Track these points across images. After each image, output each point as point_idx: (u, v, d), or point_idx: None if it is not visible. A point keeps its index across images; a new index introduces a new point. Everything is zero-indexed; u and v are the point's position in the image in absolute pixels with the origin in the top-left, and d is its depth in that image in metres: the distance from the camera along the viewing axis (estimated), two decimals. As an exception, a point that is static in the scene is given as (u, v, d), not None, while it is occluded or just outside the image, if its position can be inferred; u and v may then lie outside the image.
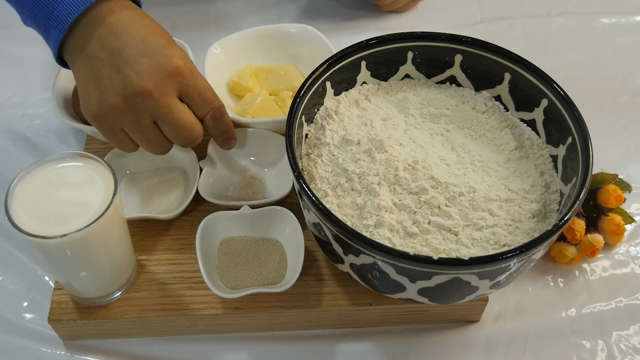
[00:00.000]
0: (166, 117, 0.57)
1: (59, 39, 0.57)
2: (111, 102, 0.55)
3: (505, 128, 0.64)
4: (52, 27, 0.57)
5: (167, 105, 0.57)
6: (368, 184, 0.57)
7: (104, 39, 0.56)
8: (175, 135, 0.59)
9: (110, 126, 0.58)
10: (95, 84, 0.56)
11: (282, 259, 0.63)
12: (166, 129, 0.58)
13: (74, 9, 0.56)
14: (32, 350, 0.63)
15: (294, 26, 0.80)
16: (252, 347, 0.64)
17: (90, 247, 0.54)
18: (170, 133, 0.59)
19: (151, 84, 0.55)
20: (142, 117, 0.57)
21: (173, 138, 0.59)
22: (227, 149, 0.66)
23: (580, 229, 0.67)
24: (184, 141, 0.60)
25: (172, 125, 0.58)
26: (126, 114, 0.56)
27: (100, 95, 0.56)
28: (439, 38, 0.64)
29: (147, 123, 0.57)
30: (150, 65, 0.56)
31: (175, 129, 0.58)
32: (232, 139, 0.66)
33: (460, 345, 0.64)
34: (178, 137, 0.59)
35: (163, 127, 0.58)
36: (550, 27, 0.97)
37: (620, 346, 0.64)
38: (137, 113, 0.56)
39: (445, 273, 0.50)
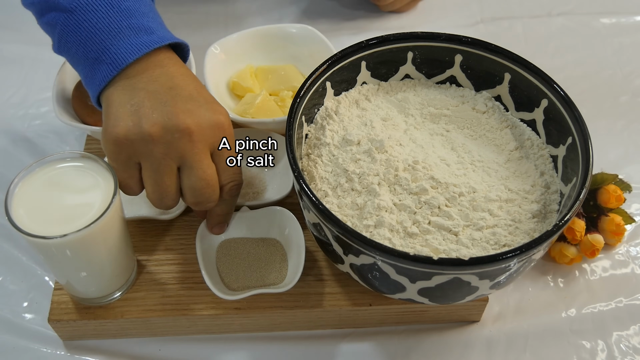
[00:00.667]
0: (195, 165, 0.54)
1: (109, 77, 0.54)
2: (147, 129, 0.52)
3: (505, 128, 0.64)
4: (103, 62, 0.54)
5: (200, 153, 0.54)
6: (368, 184, 0.57)
7: (157, 76, 0.54)
8: (193, 189, 0.55)
9: (128, 156, 0.53)
10: (132, 110, 0.53)
11: (283, 260, 0.63)
12: (187, 179, 0.54)
13: (135, 51, 0.54)
14: (32, 350, 0.63)
15: (294, 26, 0.80)
16: (252, 347, 0.64)
17: (90, 247, 0.54)
18: (189, 185, 0.55)
19: (195, 126, 0.53)
20: (171, 155, 0.53)
21: (189, 192, 0.55)
22: (216, 233, 0.63)
23: (580, 229, 0.67)
24: (199, 198, 0.56)
25: (196, 177, 0.54)
26: (155, 147, 0.52)
27: (136, 119, 0.52)
28: (439, 38, 0.64)
29: (171, 165, 0.54)
30: (199, 110, 0.54)
31: (198, 181, 0.54)
32: (225, 224, 0.63)
33: (460, 345, 0.64)
34: (195, 193, 0.55)
35: (186, 175, 0.54)
36: (550, 27, 0.97)
37: (621, 346, 0.64)
38: (167, 149, 0.53)
39: (445, 273, 0.50)
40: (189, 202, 0.56)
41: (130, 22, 0.55)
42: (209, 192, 0.56)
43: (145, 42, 0.55)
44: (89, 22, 0.54)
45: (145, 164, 0.54)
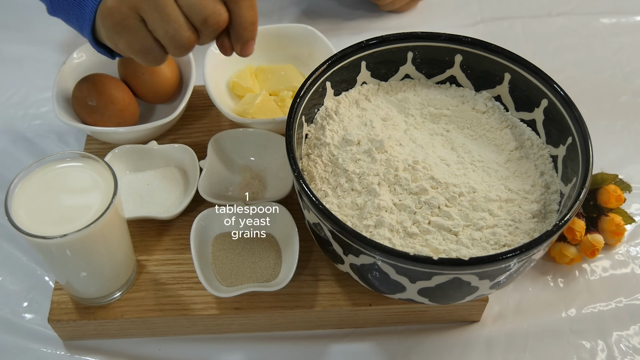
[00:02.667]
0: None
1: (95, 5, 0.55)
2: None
3: (505, 128, 0.64)
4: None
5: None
6: (368, 184, 0.57)
7: None
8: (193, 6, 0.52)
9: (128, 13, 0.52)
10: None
11: (277, 256, 0.63)
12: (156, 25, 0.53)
13: None
14: (32, 350, 0.63)
15: (294, 26, 0.80)
16: (252, 347, 0.64)
17: (90, 247, 0.54)
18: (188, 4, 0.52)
19: None
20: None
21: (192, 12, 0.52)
22: (246, 54, 0.58)
23: (580, 229, 0.67)
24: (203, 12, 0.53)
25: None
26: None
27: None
28: (439, 38, 0.64)
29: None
30: None
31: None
32: (252, 41, 0.58)
33: (460, 345, 0.64)
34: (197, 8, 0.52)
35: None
36: (550, 27, 0.97)
37: (620, 346, 0.64)
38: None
39: (445, 273, 0.50)
40: (198, 22, 0.53)
41: None
42: (212, 5, 0.53)
43: None
44: None
45: (144, 8, 0.52)
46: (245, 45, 0.58)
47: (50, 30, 0.92)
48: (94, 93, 0.69)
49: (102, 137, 0.72)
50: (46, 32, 0.92)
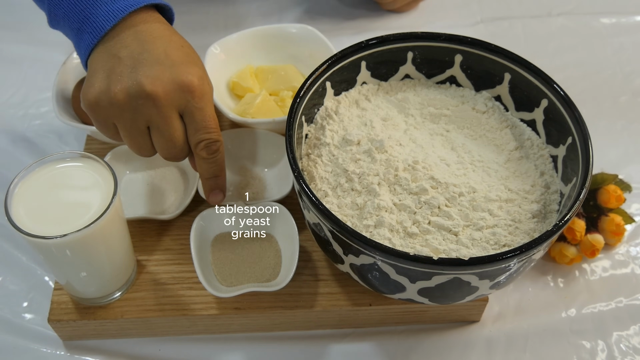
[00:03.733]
0: (162, 127, 0.56)
1: (91, 45, 0.57)
2: (113, 96, 0.54)
3: (505, 128, 0.64)
4: (85, 32, 0.57)
5: (166, 116, 0.55)
6: (368, 184, 0.57)
7: (129, 43, 0.56)
8: (161, 147, 0.57)
9: (104, 118, 0.56)
10: (104, 75, 0.55)
11: (277, 255, 0.63)
12: (156, 138, 0.57)
13: (112, 17, 0.56)
14: (32, 350, 0.63)
15: (294, 26, 0.80)
16: (252, 347, 0.64)
17: (90, 247, 0.54)
18: (158, 143, 0.57)
19: (160, 91, 0.54)
20: (139, 120, 0.55)
21: (159, 148, 0.58)
22: (212, 203, 0.63)
23: (580, 229, 0.67)
24: (167, 155, 0.58)
25: (163, 138, 0.57)
26: (124, 112, 0.55)
27: (105, 85, 0.55)
28: (439, 38, 0.64)
29: (140, 127, 0.56)
30: (164, 74, 0.55)
31: (166, 142, 0.57)
32: (220, 192, 0.62)
33: (460, 345, 0.64)
34: (164, 149, 0.58)
35: (154, 135, 0.57)
36: (550, 27, 0.97)
37: (620, 346, 0.64)
38: (134, 114, 0.55)
39: (445, 273, 0.50)
40: (162, 156, 0.59)
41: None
42: (176, 151, 0.58)
43: (121, 7, 0.56)
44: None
45: (119, 125, 0.57)
46: (210, 194, 0.63)
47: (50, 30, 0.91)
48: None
49: (102, 137, 0.72)
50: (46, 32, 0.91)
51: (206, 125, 0.57)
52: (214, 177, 0.61)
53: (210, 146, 0.58)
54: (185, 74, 0.56)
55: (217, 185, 0.62)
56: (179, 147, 0.58)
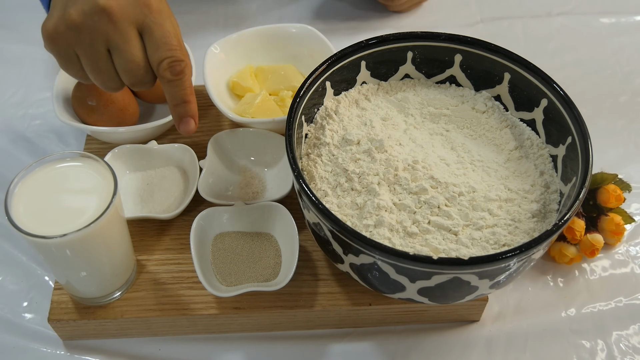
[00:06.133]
0: (120, 45, 0.54)
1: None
2: (68, 18, 0.52)
3: (505, 128, 0.64)
4: None
5: (123, 32, 0.53)
6: (368, 184, 0.57)
7: None
8: (125, 70, 0.55)
9: (64, 48, 0.54)
10: (61, 5, 0.54)
11: (277, 255, 0.63)
12: (117, 61, 0.54)
13: None
14: (32, 350, 0.63)
15: (294, 26, 0.80)
16: (251, 347, 0.64)
17: (90, 247, 0.54)
18: (121, 66, 0.55)
19: (114, 5, 0.53)
20: (97, 39, 0.53)
21: (122, 74, 0.55)
22: (183, 132, 0.58)
23: (580, 228, 0.67)
24: (133, 79, 0.55)
25: (124, 58, 0.54)
26: (81, 34, 0.53)
27: (61, 12, 0.53)
28: (438, 38, 0.64)
29: (100, 49, 0.54)
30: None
31: (127, 63, 0.54)
32: (190, 119, 0.58)
33: (460, 345, 0.64)
34: (127, 73, 0.55)
35: (115, 58, 0.54)
36: (550, 27, 0.97)
37: (620, 346, 0.64)
38: (92, 34, 0.53)
39: (445, 273, 0.50)
40: (127, 83, 0.56)
41: None
42: (141, 73, 0.55)
43: None
44: None
45: (79, 52, 0.54)
46: (180, 122, 0.58)
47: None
48: (93, 93, 0.69)
49: (102, 137, 0.72)
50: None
51: (167, 41, 0.54)
52: (182, 103, 0.57)
53: (174, 66, 0.55)
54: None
55: (187, 112, 0.58)
56: (142, 68, 0.55)
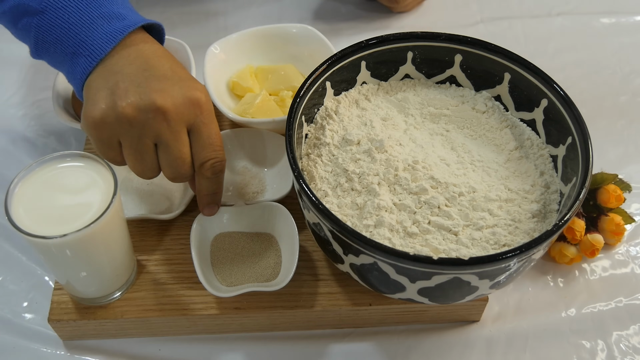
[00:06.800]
0: (170, 143, 0.55)
1: (89, 68, 0.55)
2: (121, 110, 0.53)
3: (505, 128, 0.64)
4: (82, 55, 0.55)
5: (175, 131, 0.54)
6: (368, 184, 0.57)
7: (132, 60, 0.55)
8: (169, 165, 0.56)
9: (108, 136, 0.54)
10: (108, 92, 0.54)
11: (277, 255, 0.63)
12: (163, 156, 0.56)
13: (111, 39, 0.55)
14: (32, 350, 0.63)
15: (294, 26, 0.80)
16: (252, 347, 0.64)
17: (90, 247, 0.54)
18: (166, 161, 0.56)
19: (170, 105, 0.53)
20: (147, 135, 0.54)
21: (166, 167, 0.56)
22: (207, 214, 0.63)
23: (580, 229, 0.67)
24: (175, 174, 0.57)
25: (172, 155, 0.55)
26: (132, 127, 0.53)
27: (111, 101, 0.53)
28: (439, 38, 0.64)
29: (148, 143, 0.55)
30: (172, 88, 0.54)
31: (174, 160, 0.55)
32: (216, 206, 0.62)
33: (460, 345, 0.64)
34: (172, 168, 0.56)
35: (162, 152, 0.55)
36: (550, 27, 0.97)
37: (620, 346, 0.64)
38: (143, 129, 0.53)
39: (445, 273, 0.50)
40: (167, 176, 0.57)
41: (101, 12, 0.56)
42: (184, 170, 0.56)
43: (118, 28, 0.56)
44: (62, 19, 0.55)
45: (125, 143, 0.55)
46: (205, 207, 0.62)
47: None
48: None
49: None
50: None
51: (212, 142, 0.56)
52: (212, 194, 0.61)
53: (216, 166, 0.57)
54: (193, 89, 0.55)
55: (214, 201, 0.62)
56: (187, 165, 0.56)
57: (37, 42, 0.57)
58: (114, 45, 0.55)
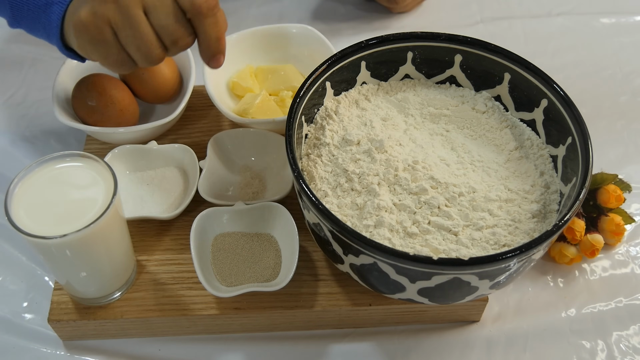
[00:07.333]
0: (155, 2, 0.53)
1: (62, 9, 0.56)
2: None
3: (505, 128, 0.64)
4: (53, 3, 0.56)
5: None
6: (368, 184, 0.57)
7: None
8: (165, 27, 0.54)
9: (101, 27, 0.53)
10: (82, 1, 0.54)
11: (277, 255, 0.63)
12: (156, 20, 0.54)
13: None
14: (32, 350, 0.63)
15: (294, 26, 0.80)
16: (252, 347, 0.64)
17: (90, 247, 0.54)
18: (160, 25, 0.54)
19: None
20: (132, 3, 0.53)
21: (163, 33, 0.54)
22: (214, 67, 0.59)
23: (580, 229, 0.67)
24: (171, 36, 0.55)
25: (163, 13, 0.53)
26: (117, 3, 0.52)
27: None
28: (439, 38, 0.64)
29: (138, 12, 0.53)
30: None
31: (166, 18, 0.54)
32: (221, 55, 0.58)
33: (460, 345, 0.64)
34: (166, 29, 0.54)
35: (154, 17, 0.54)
36: (550, 27, 0.97)
37: (620, 346, 0.64)
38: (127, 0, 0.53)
39: (445, 273, 0.50)
40: (167, 41, 0.56)
41: None
42: (178, 27, 0.55)
43: None
44: None
45: (117, 24, 0.54)
46: (212, 59, 0.59)
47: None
48: (93, 93, 0.69)
49: (102, 137, 0.72)
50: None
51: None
52: (216, 41, 0.57)
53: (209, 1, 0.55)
54: None
55: (219, 50, 0.58)
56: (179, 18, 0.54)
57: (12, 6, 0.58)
58: None
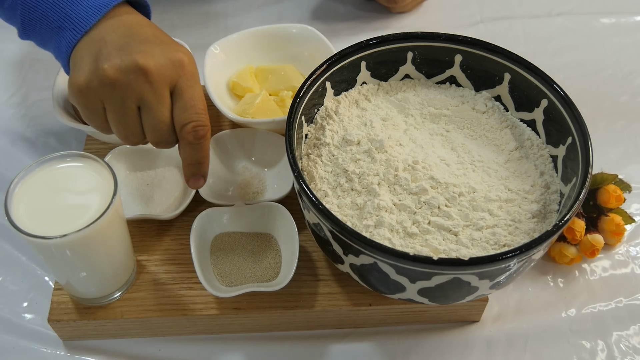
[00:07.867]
0: (153, 105, 0.54)
1: (74, 40, 0.56)
2: (103, 73, 0.53)
3: (505, 128, 0.64)
4: (67, 29, 0.56)
5: (158, 92, 0.54)
6: (368, 184, 0.57)
7: (115, 28, 0.55)
8: (152, 128, 0.55)
9: (93, 101, 0.54)
10: (91, 59, 0.54)
11: (277, 255, 0.63)
12: (147, 119, 0.55)
13: (95, 12, 0.55)
14: (32, 350, 0.63)
15: (294, 26, 0.80)
16: (252, 347, 0.64)
17: (90, 247, 0.54)
18: (149, 124, 0.55)
19: (152, 65, 0.53)
20: (130, 97, 0.54)
21: (149, 131, 0.56)
22: (192, 187, 0.60)
23: (580, 229, 0.67)
24: (158, 138, 0.56)
25: (154, 117, 0.55)
26: (114, 89, 0.53)
27: (94, 66, 0.53)
28: (439, 38, 0.64)
29: (131, 106, 0.54)
30: (154, 50, 0.54)
31: (157, 122, 0.55)
32: (202, 178, 0.60)
33: (460, 345, 0.64)
34: (154, 131, 0.55)
35: (145, 115, 0.55)
36: (550, 27, 0.97)
37: (620, 346, 0.64)
38: (125, 91, 0.53)
39: (445, 273, 0.50)
40: (151, 141, 0.57)
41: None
42: (166, 133, 0.56)
43: (103, 2, 0.56)
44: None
45: (108, 106, 0.55)
46: (191, 179, 0.60)
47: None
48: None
49: (102, 137, 0.72)
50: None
51: (195, 104, 0.55)
52: (197, 164, 0.58)
53: (198, 130, 0.56)
54: (175, 51, 0.55)
55: (199, 172, 0.59)
56: (168, 126, 0.55)
57: (24, 20, 0.58)
58: (99, 17, 0.56)
